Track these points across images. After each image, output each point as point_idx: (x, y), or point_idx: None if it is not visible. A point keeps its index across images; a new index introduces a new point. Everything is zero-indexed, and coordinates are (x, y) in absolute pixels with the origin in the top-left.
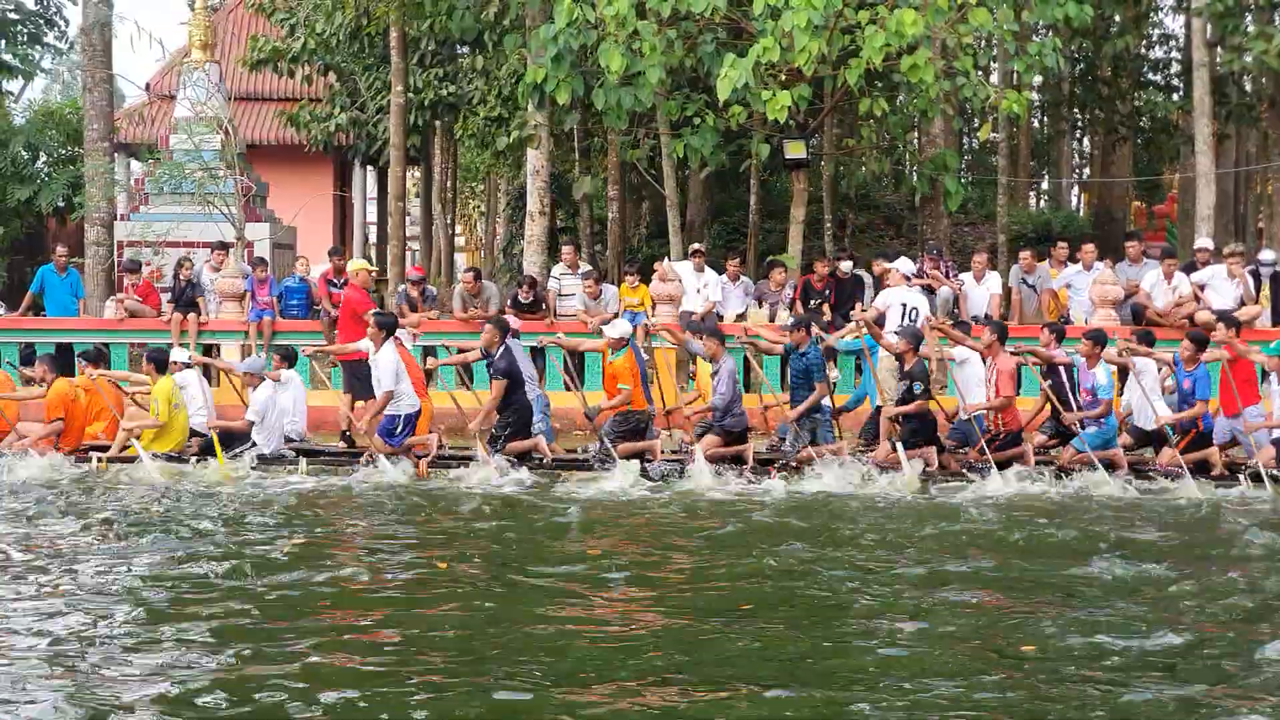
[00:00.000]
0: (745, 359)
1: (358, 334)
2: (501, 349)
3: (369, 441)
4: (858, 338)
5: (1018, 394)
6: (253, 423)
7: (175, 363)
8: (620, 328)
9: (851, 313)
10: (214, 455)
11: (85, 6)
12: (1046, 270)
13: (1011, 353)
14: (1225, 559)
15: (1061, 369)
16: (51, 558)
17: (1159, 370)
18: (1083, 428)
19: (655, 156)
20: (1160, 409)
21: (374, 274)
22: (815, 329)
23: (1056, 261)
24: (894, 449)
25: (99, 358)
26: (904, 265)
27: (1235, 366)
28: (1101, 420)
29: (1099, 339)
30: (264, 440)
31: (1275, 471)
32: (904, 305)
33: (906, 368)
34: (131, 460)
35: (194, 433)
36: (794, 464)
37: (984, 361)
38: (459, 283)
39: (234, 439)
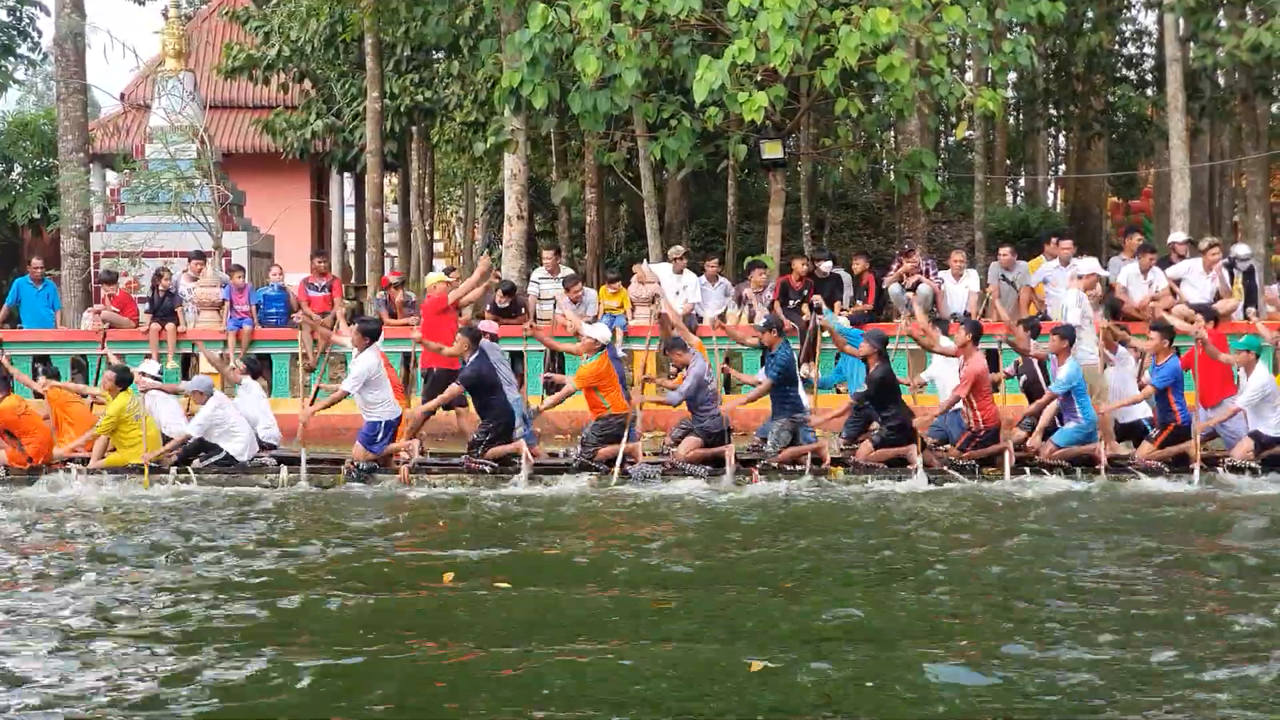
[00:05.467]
0: (727, 360)
1: (443, 337)
2: (474, 356)
3: (302, 426)
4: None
5: (995, 391)
6: (189, 436)
7: (143, 375)
8: (600, 331)
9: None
10: (188, 465)
11: (58, 17)
12: (1025, 267)
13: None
14: (1206, 552)
15: (1036, 363)
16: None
17: (1135, 363)
18: (1061, 420)
19: (633, 159)
20: (1135, 407)
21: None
22: (820, 308)
23: (1049, 255)
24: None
25: (74, 368)
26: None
27: (1211, 361)
28: (1080, 415)
29: (1066, 334)
30: (239, 447)
31: (1253, 464)
32: None
33: (870, 372)
34: (110, 471)
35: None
36: (775, 464)
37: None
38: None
39: (209, 446)
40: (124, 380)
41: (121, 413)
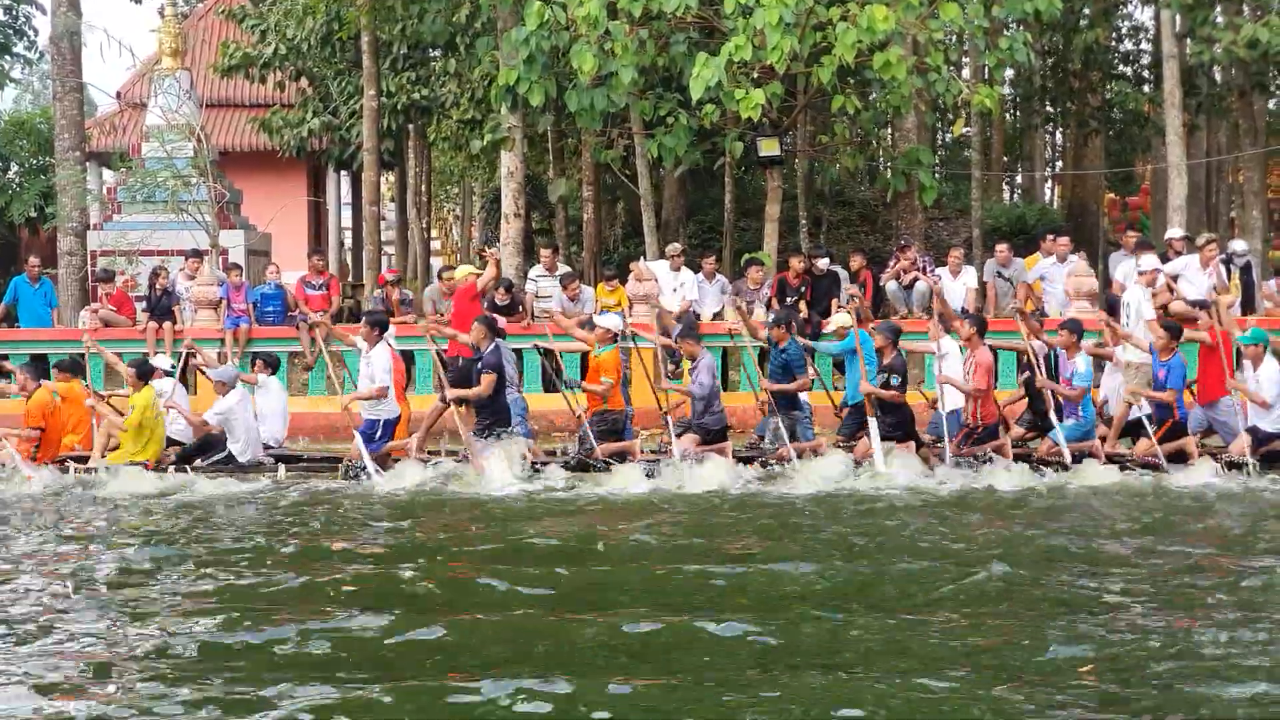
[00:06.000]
0: (724, 356)
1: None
2: (491, 346)
3: (351, 417)
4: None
5: (995, 386)
6: (205, 423)
7: (157, 370)
8: (612, 320)
9: (833, 310)
10: (190, 464)
11: (54, 16)
12: (1022, 264)
13: (995, 348)
14: (1203, 546)
15: (1040, 360)
16: (39, 567)
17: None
18: (1060, 416)
19: (629, 157)
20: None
21: (479, 274)
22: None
23: (1046, 252)
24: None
25: (75, 368)
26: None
27: (1211, 358)
28: (1079, 412)
29: (1076, 329)
30: (241, 447)
31: (1250, 460)
32: None
33: (885, 361)
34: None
35: (171, 441)
36: (772, 461)
37: (963, 354)
38: (434, 283)
39: (210, 446)
40: (145, 374)
41: (147, 404)
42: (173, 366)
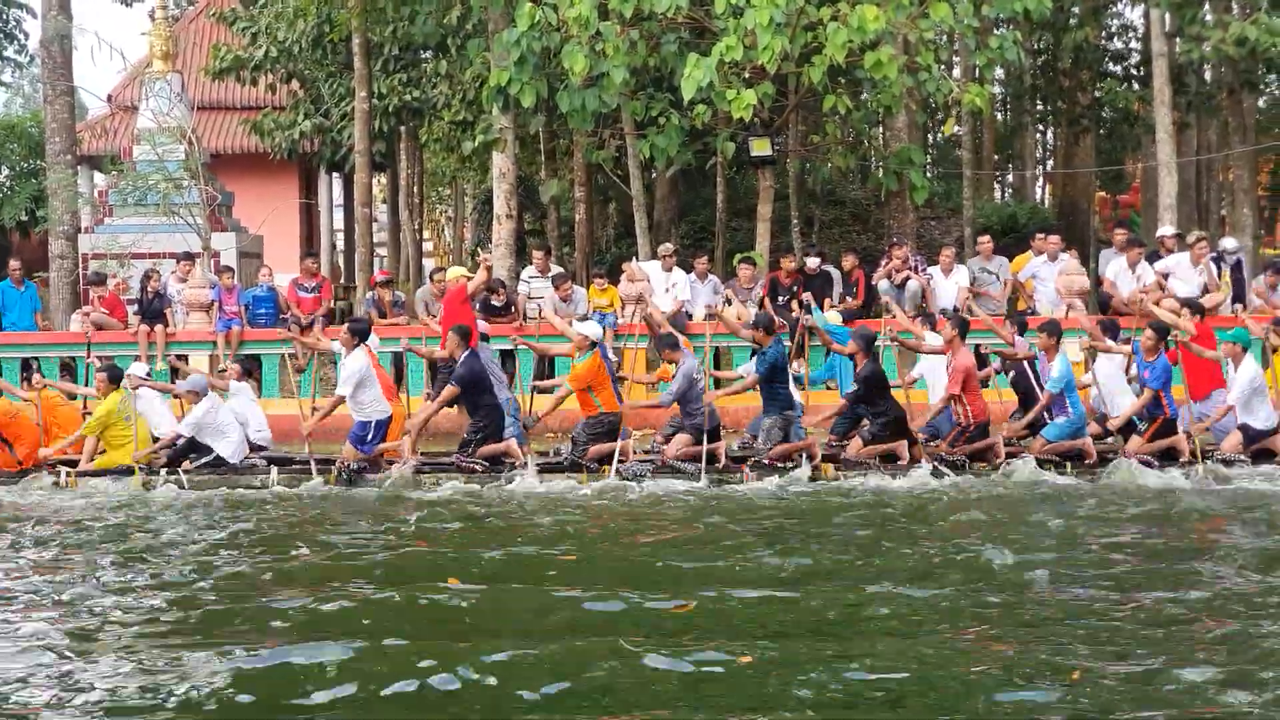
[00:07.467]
0: (717, 356)
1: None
2: (465, 355)
3: (305, 437)
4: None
5: (985, 387)
6: (179, 435)
7: (132, 375)
8: (591, 328)
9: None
10: (178, 466)
11: (45, 19)
12: (1005, 261)
13: (978, 350)
14: (1197, 544)
15: (1025, 362)
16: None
17: (1124, 358)
18: (1051, 414)
19: (621, 157)
20: (1124, 401)
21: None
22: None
23: (1037, 250)
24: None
25: (63, 370)
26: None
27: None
28: (1070, 409)
29: (1053, 331)
30: (231, 449)
31: (1242, 457)
32: None
33: (858, 370)
34: (99, 474)
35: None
36: (767, 461)
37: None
38: (426, 284)
39: (198, 448)
40: (115, 379)
41: (110, 414)
42: (149, 373)
